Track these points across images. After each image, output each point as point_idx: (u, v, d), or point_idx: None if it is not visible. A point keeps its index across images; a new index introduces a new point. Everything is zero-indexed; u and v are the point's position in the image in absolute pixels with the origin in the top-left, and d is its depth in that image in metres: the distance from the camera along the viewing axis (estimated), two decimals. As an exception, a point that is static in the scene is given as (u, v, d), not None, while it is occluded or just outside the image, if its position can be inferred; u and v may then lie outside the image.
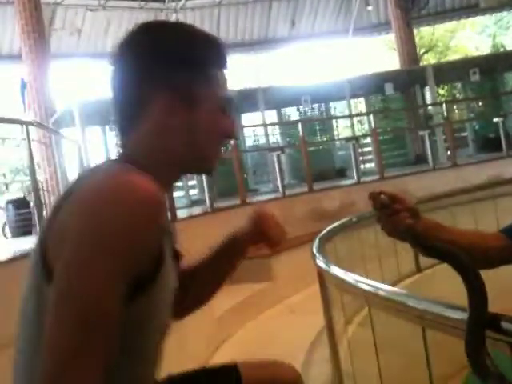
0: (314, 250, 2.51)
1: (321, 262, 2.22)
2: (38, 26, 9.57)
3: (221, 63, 1.01)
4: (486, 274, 1.23)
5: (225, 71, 1.02)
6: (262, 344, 3.53)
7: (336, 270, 1.98)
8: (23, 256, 2.64)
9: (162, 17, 14.30)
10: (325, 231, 3.04)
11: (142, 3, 13.98)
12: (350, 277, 1.81)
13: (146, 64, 0.95)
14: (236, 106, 10.72)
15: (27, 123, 3.91)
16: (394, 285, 4.21)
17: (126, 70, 0.97)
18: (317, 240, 2.75)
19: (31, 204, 7.09)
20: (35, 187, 3.63)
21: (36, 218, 4.28)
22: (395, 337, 2.23)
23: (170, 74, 0.95)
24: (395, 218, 1.17)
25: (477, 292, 0.99)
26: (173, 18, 14.48)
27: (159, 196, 0.84)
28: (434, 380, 1.59)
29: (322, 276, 2.36)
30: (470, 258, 1.09)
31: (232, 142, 6.37)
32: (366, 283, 1.68)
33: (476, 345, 0.98)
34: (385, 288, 1.57)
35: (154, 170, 0.94)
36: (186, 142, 0.97)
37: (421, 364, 1.62)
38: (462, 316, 1.05)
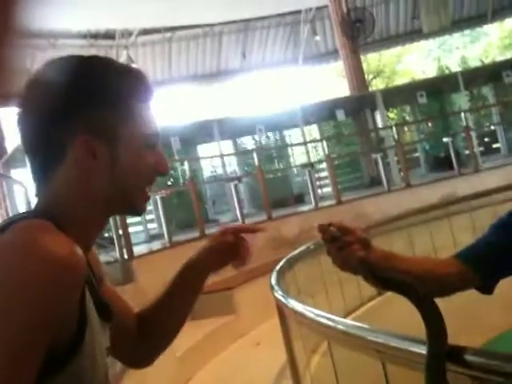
0: (273, 282, 2.48)
1: (279, 295, 2.19)
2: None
3: (143, 96, 0.93)
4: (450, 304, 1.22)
5: (149, 104, 0.95)
6: (227, 382, 3.44)
7: (294, 304, 1.95)
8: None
9: (112, 54, 14.26)
10: (283, 261, 3.02)
11: (92, 40, 13.92)
12: (308, 311, 1.78)
13: (55, 105, 0.86)
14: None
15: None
16: (356, 309, 4.21)
17: (33, 114, 0.88)
18: (274, 272, 2.71)
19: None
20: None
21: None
22: (357, 368, 2.21)
23: (85, 113, 0.87)
24: (346, 250, 1.14)
25: (434, 325, 0.97)
26: (123, 54, 14.46)
27: (75, 259, 0.78)
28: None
29: (280, 309, 2.32)
30: (425, 288, 1.08)
31: (162, 177, 6.31)
32: (324, 317, 1.65)
33: (436, 381, 0.96)
34: (343, 322, 1.55)
35: (76, 222, 0.88)
36: (109, 183, 0.90)
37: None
38: (422, 349, 1.03)
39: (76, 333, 0.81)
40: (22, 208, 7.03)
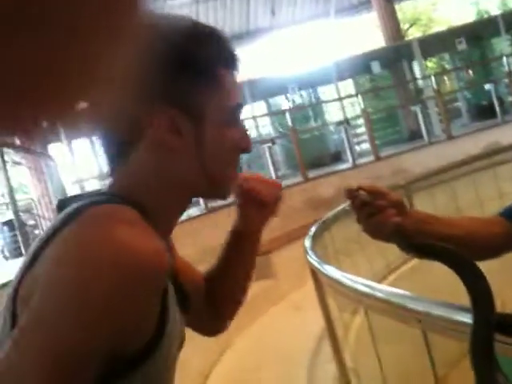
0: (307, 246, 2.36)
1: (313, 260, 2.07)
2: None
3: (228, 62, 0.80)
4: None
5: (233, 72, 0.81)
6: (268, 346, 3.39)
7: (329, 269, 1.83)
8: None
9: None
10: (318, 224, 2.89)
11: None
12: (343, 276, 1.66)
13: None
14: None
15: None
16: (397, 268, 4.07)
17: None
18: (308, 235, 2.59)
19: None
20: (15, 210, 3.48)
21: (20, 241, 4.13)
22: (397, 336, 2.09)
23: (166, 83, 0.74)
24: (379, 217, 1.00)
25: (480, 292, 0.86)
26: (151, 19, 14.26)
27: (162, 261, 0.66)
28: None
29: (315, 274, 2.21)
30: (468, 255, 0.95)
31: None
32: (360, 283, 1.53)
33: (483, 351, 0.84)
34: (382, 289, 1.42)
35: (158, 207, 0.77)
36: (195, 164, 0.78)
37: (422, 357, 1.48)
38: (467, 318, 0.92)
39: (153, 336, 0.71)
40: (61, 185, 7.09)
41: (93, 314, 0.62)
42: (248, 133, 0.85)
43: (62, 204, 0.75)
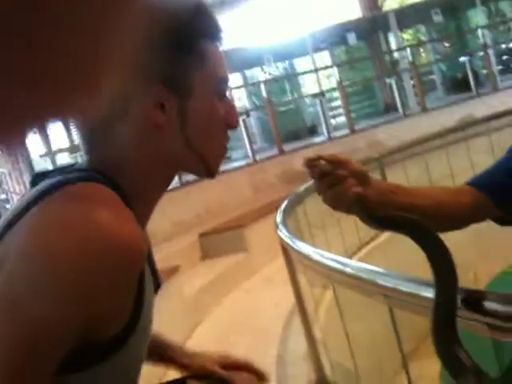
0: (278, 220, 2.33)
1: (283, 235, 2.04)
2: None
3: (213, 36, 0.77)
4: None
5: (218, 45, 0.79)
6: (241, 320, 3.38)
7: (299, 244, 1.80)
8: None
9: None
10: (289, 198, 2.86)
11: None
12: (312, 251, 1.63)
13: None
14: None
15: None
16: (371, 241, 4.08)
17: None
18: (281, 208, 2.56)
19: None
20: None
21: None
22: (366, 308, 2.08)
23: (150, 59, 0.71)
24: (340, 187, 0.95)
25: (441, 266, 0.83)
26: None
27: (139, 244, 0.65)
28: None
29: (285, 249, 2.18)
30: (434, 225, 0.92)
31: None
32: (330, 258, 1.50)
33: (447, 335, 0.82)
34: (350, 264, 1.39)
35: (140, 187, 0.74)
36: (181, 140, 0.75)
37: (391, 332, 1.47)
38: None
39: (129, 320, 0.69)
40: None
41: (65, 292, 0.61)
42: (235, 108, 0.82)
43: (37, 179, 0.73)
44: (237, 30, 16.32)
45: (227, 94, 0.81)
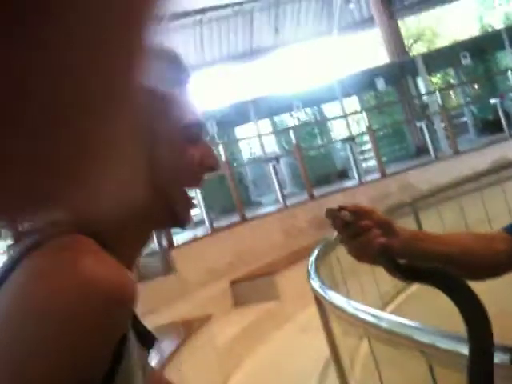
0: (310, 269, 2.29)
1: (316, 285, 2.00)
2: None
3: (178, 81, 0.77)
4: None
5: (185, 89, 0.77)
6: (273, 372, 3.29)
7: (332, 295, 1.75)
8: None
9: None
10: (320, 245, 2.81)
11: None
12: (346, 303, 1.58)
13: None
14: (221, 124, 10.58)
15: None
16: (403, 291, 3.97)
17: None
18: (313, 257, 2.52)
19: None
20: None
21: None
22: (403, 360, 2.01)
23: None
24: (364, 238, 0.93)
25: (474, 320, 0.79)
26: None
27: (130, 289, 0.63)
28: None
29: (318, 299, 2.13)
30: (464, 274, 0.89)
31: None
32: (364, 311, 1.45)
33: None
34: (386, 318, 1.34)
35: (116, 235, 0.72)
36: (147, 186, 0.73)
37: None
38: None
39: (107, 372, 0.66)
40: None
41: (57, 345, 0.59)
42: (212, 150, 0.80)
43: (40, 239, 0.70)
44: (266, 78, 16.64)
45: (201, 136, 0.79)
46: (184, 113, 0.76)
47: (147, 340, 0.80)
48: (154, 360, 2.61)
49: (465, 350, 0.98)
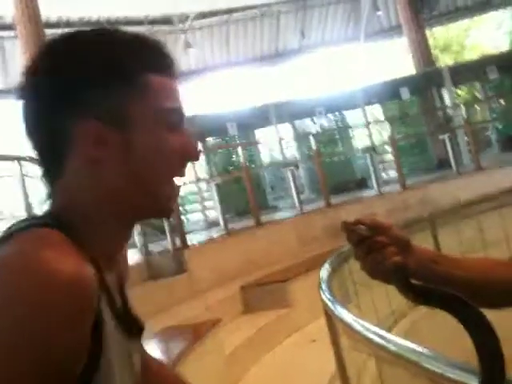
0: (322, 283, 2.24)
1: (326, 298, 1.95)
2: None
3: (158, 67, 0.75)
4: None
5: (168, 77, 0.76)
6: (279, 382, 3.25)
7: (341, 311, 1.71)
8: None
9: (170, 39, 14.28)
10: (333, 256, 2.77)
11: (149, 26, 13.95)
12: (355, 321, 1.54)
13: (54, 89, 0.72)
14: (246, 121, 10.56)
15: (19, 158, 3.75)
16: (415, 308, 3.90)
17: (33, 102, 0.75)
18: (325, 269, 2.47)
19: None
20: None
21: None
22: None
23: (86, 93, 0.71)
24: (378, 254, 0.89)
25: (487, 351, 0.74)
26: (181, 39, 14.45)
27: (82, 281, 0.64)
28: None
29: (328, 313, 2.08)
30: (483, 302, 0.85)
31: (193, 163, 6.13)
32: (373, 332, 1.40)
33: None
34: (394, 341, 1.29)
35: (92, 227, 0.73)
36: (125, 174, 0.73)
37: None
38: None
39: (88, 364, 0.67)
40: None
41: (14, 338, 0.60)
42: (193, 139, 0.78)
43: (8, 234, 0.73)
44: (290, 82, 16.61)
45: (183, 125, 0.77)
46: (164, 98, 0.75)
47: (134, 328, 0.81)
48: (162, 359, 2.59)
49: (474, 382, 0.94)
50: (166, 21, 14.42)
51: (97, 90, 0.72)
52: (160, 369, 1.02)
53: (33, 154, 0.78)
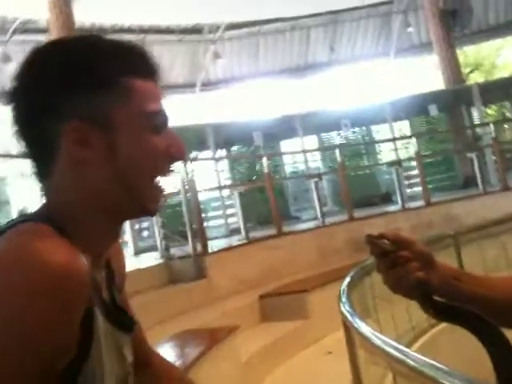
0: (342, 295, 2.23)
1: (345, 311, 1.94)
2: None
3: (140, 72, 0.79)
4: None
5: (150, 81, 0.80)
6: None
7: (360, 325, 1.70)
8: None
9: (200, 48, 14.42)
10: (355, 269, 2.75)
11: (180, 36, 14.12)
12: (374, 335, 1.52)
13: (39, 93, 0.75)
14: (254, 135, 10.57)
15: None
16: (436, 324, 3.85)
17: (20, 106, 0.78)
18: (346, 282, 2.46)
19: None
20: None
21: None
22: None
23: (72, 97, 0.75)
24: (401, 269, 0.90)
25: (508, 371, 0.75)
26: (211, 49, 14.59)
27: (73, 268, 0.67)
28: None
29: (346, 326, 2.07)
30: (498, 320, 0.86)
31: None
32: (391, 346, 1.39)
33: None
34: (413, 356, 1.28)
35: (78, 224, 0.76)
36: (110, 176, 0.76)
37: None
38: None
39: (78, 356, 0.70)
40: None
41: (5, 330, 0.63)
42: (179, 139, 0.80)
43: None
44: (318, 94, 16.61)
45: (167, 127, 0.80)
46: (147, 102, 0.78)
47: (126, 322, 0.84)
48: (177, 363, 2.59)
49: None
50: (197, 30, 14.58)
51: (81, 94, 0.75)
52: (168, 369, 1.04)
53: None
